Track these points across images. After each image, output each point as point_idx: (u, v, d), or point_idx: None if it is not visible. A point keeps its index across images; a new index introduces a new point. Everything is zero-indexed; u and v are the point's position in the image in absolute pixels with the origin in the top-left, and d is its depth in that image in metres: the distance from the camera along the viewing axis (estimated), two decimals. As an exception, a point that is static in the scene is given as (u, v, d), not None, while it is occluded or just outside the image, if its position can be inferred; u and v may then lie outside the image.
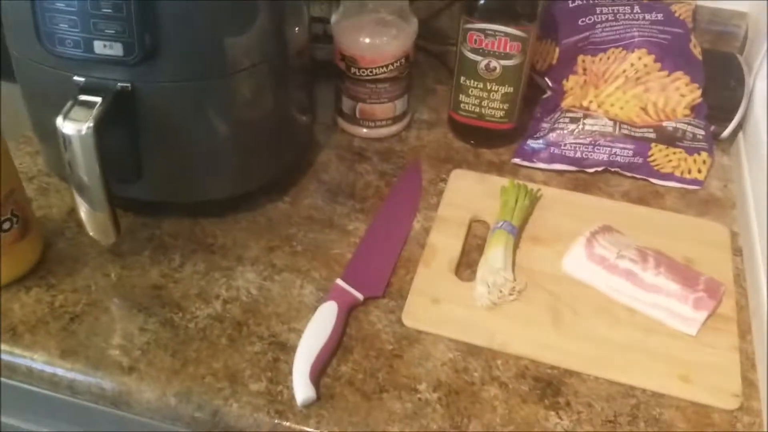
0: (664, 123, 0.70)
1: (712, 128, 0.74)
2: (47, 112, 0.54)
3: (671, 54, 0.70)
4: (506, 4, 0.65)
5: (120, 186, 0.59)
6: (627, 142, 0.69)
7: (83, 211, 0.56)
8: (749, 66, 0.79)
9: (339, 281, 0.58)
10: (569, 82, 0.74)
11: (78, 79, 0.55)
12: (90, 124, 0.52)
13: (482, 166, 0.73)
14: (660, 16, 0.73)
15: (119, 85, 0.55)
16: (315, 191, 0.69)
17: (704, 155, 0.70)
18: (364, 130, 0.75)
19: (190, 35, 0.55)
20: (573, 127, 0.70)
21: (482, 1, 0.65)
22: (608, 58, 0.72)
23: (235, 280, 0.60)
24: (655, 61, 0.70)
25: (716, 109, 0.75)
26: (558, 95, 0.74)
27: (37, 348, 0.54)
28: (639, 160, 0.69)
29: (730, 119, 0.75)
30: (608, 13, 0.73)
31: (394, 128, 0.76)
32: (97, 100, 0.53)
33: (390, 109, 0.74)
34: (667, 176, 0.70)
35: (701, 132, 0.70)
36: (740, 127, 0.77)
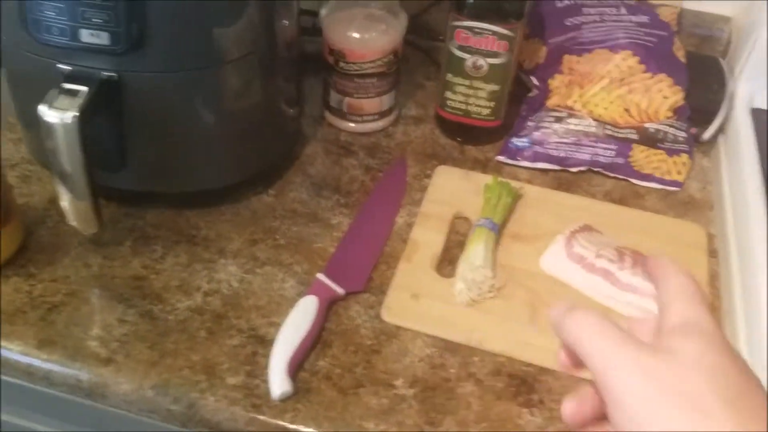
0: (646, 124, 0.70)
1: (694, 130, 0.75)
2: (31, 100, 0.53)
3: (655, 56, 0.71)
4: (495, 3, 0.65)
5: (103, 175, 0.59)
6: (609, 143, 0.70)
7: (65, 201, 0.56)
8: (731, 69, 0.80)
9: (320, 275, 0.59)
10: (555, 81, 0.75)
11: (63, 68, 0.55)
12: (74, 113, 0.52)
13: (467, 163, 0.73)
14: (646, 19, 0.74)
15: (105, 75, 0.55)
16: (300, 185, 0.70)
17: (684, 157, 0.71)
18: (352, 125, 0.75)
19: (178, 26, 0.55)
20: (557, 127, 0.71)
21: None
22: (594, 59, 0.72)
23: (217, 273, 0.61)
24: (640, 63, 0.71)
25: (698, 112, 0.75)
26: (544, 94, 0.75)
27: (14, 338, 0.54)
28: (620, 161, 0.70)
29: (711, 122, 0.76)
30: (595, 14, 0.74)
31: (381, 123, 0.76)
32: (83, 89, 0.53)
33: (377, 104, 0.74)
34: (648, 177, 0.71)
35: (682, 134, 0.71)
36: (721, 130, 0.78)
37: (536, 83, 0.75)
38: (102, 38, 0.53)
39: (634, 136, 0.70)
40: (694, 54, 0.80)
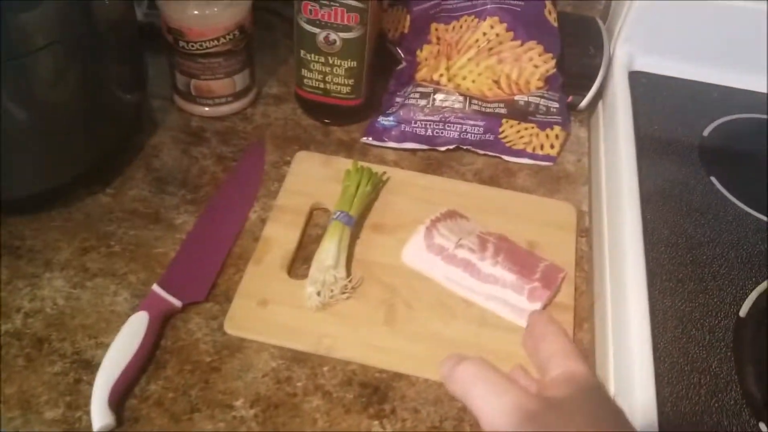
0: (516, 97, 0.66)
1: (570, 99, 0.72)
2: None
3: (524, 22, 0.66)
4: (342, -30, 0.59)
5: None
6: (477, 119, 0.65)
7: None
8: (610, 31, 0.76)
9: (155, 287, 0.53)
10: (423, 52, 0.69)
11: None
12: None
13: (332, 146, 0.68)
14: (514, -19, 0.69)
15: None
16: (142, 180, 0.63)
17: (557, 129, 0.67)
18: (206, 109, 0.69)
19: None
20: (423, 103, 0.66)
21: (315, -33, 0.59)
22: (461, 27, 0.67)
23: (41, 289, 0.54)
24: (507, 30, 0.66)
25: (575, 78, 0.72)
26: (412, 66, 0.69)
27: None
28: (490, 137, 0.66)
29: (589, 88, 0.72)
30: (459, -22, 0.69)
31: (236, 105, 0.69)
32: None
33: (229, 85, 0.67)
34: (520, 153, 0.67)
35: (555, 105, 0.67)
36: (600, 97, 0.75)
37: (402, 55, 0.70)
38: None
39: (503, 110, 0.66)
40: (571, 15, 0.76)
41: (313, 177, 0.63)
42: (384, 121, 0.67)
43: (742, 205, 0.61)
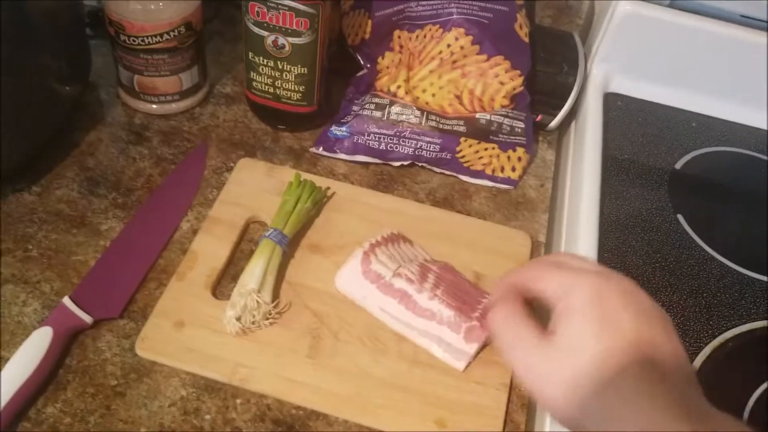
0: (477, 115, 0.62)
1: (539, 118, 0.68)
2: None
3: (491, 35, 0.62)
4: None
5: None
6: (434, 136, 0.61)
7: None
8: (588, 48, 0.72)
9: (65, 300, 0.49)
10: (385, 60, 0.65)
11: None
12: None
13: (280, 154, 0.64)
14: (485, -10, 0.64)
15: None
16: (72, 180, 0.59)
17: (520, 151, 0.63)
18: (153, 106, 0.65)
19: None
20: (378, 115, 0.62)
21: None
22: (425, 36, 0.63)
23: (-55, 293, 0.51)
24: (473, 43, 0.62)
25: (546, 96, 0.68)
26: (372, 74, 0.65)
27: None
28: (447, 156, 0.62)
29: (560, 108, 0.68)
30: (425, -16, 0.64)
31: (183, 104, 0.65)
32: None
33: (175, 83, 0.63)
34: (478, 174, 0.63)
35: (520, 125, 0.63)
36: (573, 117, 0.71)
37: (361, 62, 0.65)
38: None
39: (462, 128, 0.62)
40: (546, 29, 0.72)
41: (254, 187, 0.59)
42: (336, 131, 0.63)
43: (708, 248, 0.57)
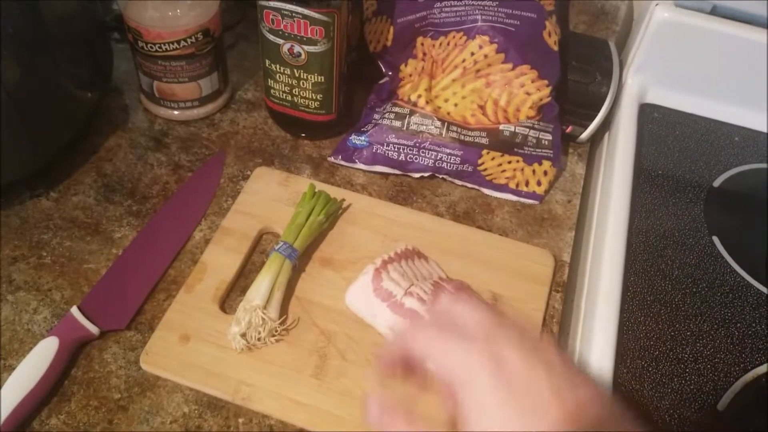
0: (501, 127, 0.60)
1: (569, 129, 0.64)
2: None
3: (518, 43, 0.59)
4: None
5: None
6: (455, 148, 0.59)
7: None
8: (624, 57, 0.68)
9: (73, 310, 0.49)
10: (408, 67, 0.63)
11: None
12: None
13: (298, 162, 0.63)
14: (512, -5, 0.62)
15: None
16: (90, 186, 0.59)
17: (546, 165, 0.60)
18: (174, 112, 0.64)
19: None
20: (398, 125, 0.60)
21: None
22: (449, 44, 0.61)
23: (-39, 299, 0.51)
24: (498, 52, 0.59)
25: (577, 106, 0.65)
26: (394, 81, 0.64)
27: None
28: (468, 168, 0.60)
29: (592, 119, 0.65)
30: (449, -10, 0.62)
31: (203, 110, 0.65)
32: None
33: (194, 90, 0.62)
34: (501, 188, 0.60)
35: (547, 137, 0.60)
36: (606, 129, 0.68)
37: (383, 69, 0.64)
38: None
39: (484, 140, 0.59)
40: (579, 36, 0.68)
41: (268, 197, 0.58)
42: (356, 140, 0.61)
43: (744, 274, 0.53)
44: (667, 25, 0.63)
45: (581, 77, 0.64)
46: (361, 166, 0.61)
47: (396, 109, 0.60)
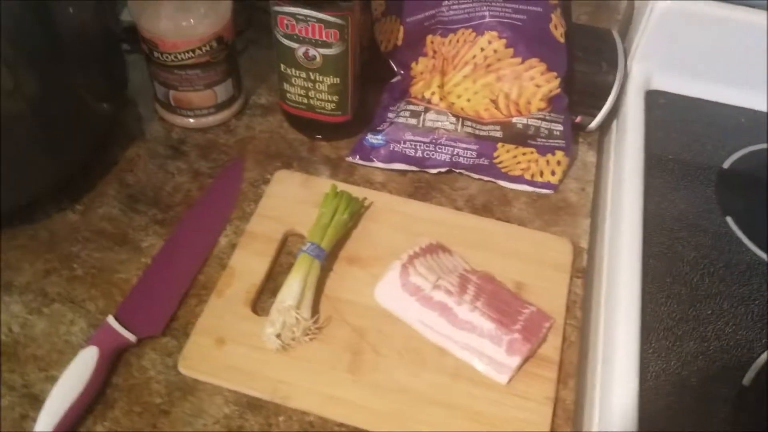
0: (514, 119, 0.61)
1: (578, 119, 0.66)
2: None
3: (525, 37, 0.60)
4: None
5: None
6: (470, 142, 0.60)
7: None
8: (627, 45, 0.70)
9: (109, 318, 0.50)
10: (419, 66, 0.64)
11: None
12: None
13: (316, 164, 0.64)
14: (517, -10, 0.63)
15: None
16: (114, 197, 0.60)
17: (559, 155, 0.62)
18: (191, 120, 0.65)
19: None
20: (414, 122, 0.61)
21: (291, -21, 0.54)
22: (458, 41, 0.62)
23: (-3, 314, 0.52)
24: (507, 47, 0.60)
25: (585, 96, 0.66)
26: (406, 80, 0.65)
27: None
28: (485, 162, 0.61)
29: (600, 108, 0.66)
30: (456, -12, 0.63)
31: (220, 117, 0.66)
32: None
33: (210, 97, 0.63)
34: (517, 179, 0.62)
35: (558, 127, 0.62)
36: (614, 117, 0.69)
37: (395, 68, 0.65)
38: None
39: (498, 134, 0.60)
40: (583, 27, 0.69)
41: (291, 200, 0.59)
42: (372, 139, 0.62)
43: (760, 252, 0.55)
44: (670, 12, 0.65)
45: (587, 68, 0.66)
46: (379, 165, 0.62)
47: (410, 107, 0.62)
